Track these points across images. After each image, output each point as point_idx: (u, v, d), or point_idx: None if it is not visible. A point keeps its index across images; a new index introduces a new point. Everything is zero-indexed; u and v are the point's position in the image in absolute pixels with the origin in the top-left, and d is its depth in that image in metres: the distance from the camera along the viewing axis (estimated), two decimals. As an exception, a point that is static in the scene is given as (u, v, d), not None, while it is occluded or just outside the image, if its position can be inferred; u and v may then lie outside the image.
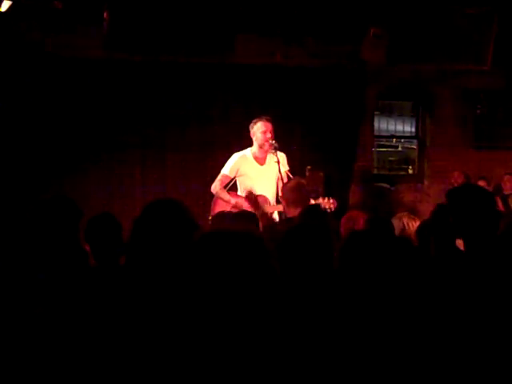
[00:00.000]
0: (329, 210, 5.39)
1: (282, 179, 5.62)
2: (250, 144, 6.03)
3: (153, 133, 7.62)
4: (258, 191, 5.89)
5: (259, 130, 5.86)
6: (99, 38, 7.08)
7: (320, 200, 5.56)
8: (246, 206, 5.65)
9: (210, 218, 5.45)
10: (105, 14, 6.90)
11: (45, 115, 7.24)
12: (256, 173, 5.93)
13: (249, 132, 5.99)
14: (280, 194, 5.33)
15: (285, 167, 5.87)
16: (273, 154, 5.81)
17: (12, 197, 6.83)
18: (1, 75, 7.08)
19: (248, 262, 1.68)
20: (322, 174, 7.09)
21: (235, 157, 5.99)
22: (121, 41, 7.11)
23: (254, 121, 5.93)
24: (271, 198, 5.90)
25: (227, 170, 5.95)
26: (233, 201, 5.78)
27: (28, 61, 7.16)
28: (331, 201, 5.54)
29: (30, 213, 3.22)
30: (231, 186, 6.06)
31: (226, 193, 5.91)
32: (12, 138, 7.16)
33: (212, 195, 6.00)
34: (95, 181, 7.45)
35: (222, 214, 4.61)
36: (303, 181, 4.51)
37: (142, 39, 7.12)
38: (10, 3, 6.15)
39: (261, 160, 5.96)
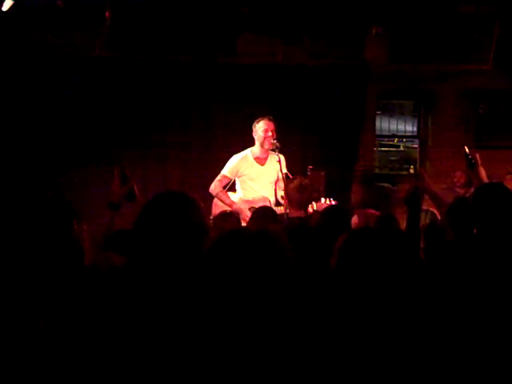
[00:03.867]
0: None
1: (283, 179, 5.62)
2: (252, 144, 6.03)
3: (154, 132, 7.62)
4: (258, 191, 5.88)
5: (261, 128, 5.86)
6: (101, 36, 7.09)
7: (321, 201, 5.56)
8: (245, 210, 5.64)
9: (211, 218, 5.45)
10: (107, 14, 6.91)
11: (46, 114, 7.25)
12: (257, 173, 5.93)
13: (250, 131, 5.99)
14: (283, 193, 5.33)
15: (284, 169, 5.86)
16: (274, 153, 5.80)
17: (11, 196, 6.82)
18: (2, 74, 7.09)
19: (267, 261, 1.69)
20: (323, 173, 7.09)
21: (235, 158, 5.97)
22: (122, 40, 7.12)
23: (257, 120, 5.93)
24: (271, 198, 5.90)
25: (227, 171, 5.93)
26: (234, 206, 5.75)
27: (29, 59, 7.16)
28: (333, 202, 5.54)
29: (25, 211, 3.21)
30: (230, 187, 6.07)
31: (226, 195, 5.88)
32: (12, 136, 7.17)
33: (212, 195, 5.99)
34: (95, 180, 7.45)
35: (225, 213, 4.61)
36: (306, 181, 4.50)
37: (143, 38, 7.12)
38: (12, 2, 6.15)
39: (261, 160, 5.96)
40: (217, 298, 1.70)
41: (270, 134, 5.80)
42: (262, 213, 4.31)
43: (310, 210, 5.20)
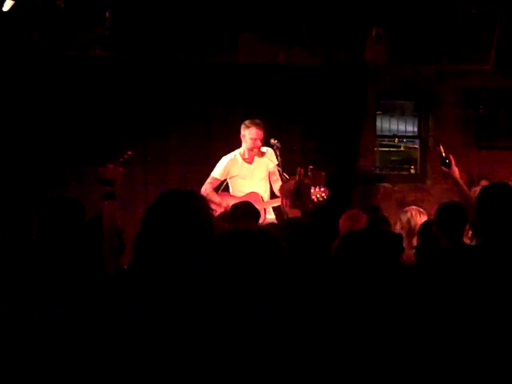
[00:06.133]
0: (321, 199, 5.40)
1: (277, 171, 5.70)
2: None
3: (154, 132, 7.62)
4: (250, 189, 5.95)
5: (250, 135, 5.93)
6: (101, 37, 7.09)
7: (311, 190, 5.56)
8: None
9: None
10: (107, 14, 6.91)
11: (46, 114, 7.25)
12: (246, 172, 6.03)
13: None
14: (279, 194, 5.34)
15: (274, 162, 5.93)
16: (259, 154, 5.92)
17: (12, 196, 6.83)
18: (2, 74, 7.09)
19: (265, 261, 1.69)
20: (323, 173, 7.09)
21: (224, 160, 6.09)
22: (123, 40, 7.11)
23: (247, 123, 5.97)
24: (264, 194, 5.98)
25: (217, 173, 6.06)
26: (224, 203, 5.83)
27: (29, 60, 7.16)
28: (322, 189, 5.55)
29: (37, 212, 3.20)
30: (224, 187, 6.13)
31: (216, 195, 6.01)
32: (13, 137, 7.17)
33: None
34: (95, 181, 7.42)
35: (225, 214, 4.62)
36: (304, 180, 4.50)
37: (144, 38, 7.12)
38: (12, 3, 6.15)
39: (249, 159, 6.05)
40: (218, 297, 1.70)
41: (259, 143, 5.88)
42: (242, 209, 4.33)
43: None
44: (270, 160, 5.94)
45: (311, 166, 6.76)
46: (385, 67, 7.89)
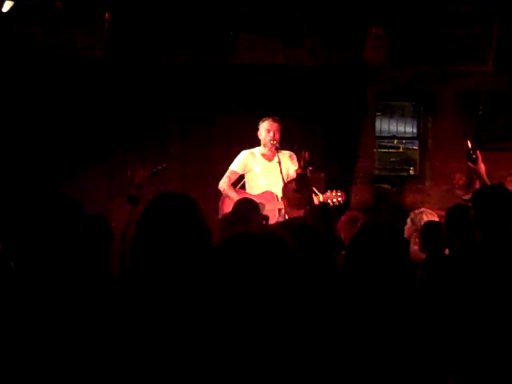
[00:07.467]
0: (337, 204, 5.38)
1: (283, 179, 5.61)
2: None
3: (154, 133, 7.62)
4: (265, 187, 5.89)
5: (264, 128, 5.87)
6: (101, 38, 7.09)
7: (328, 193, 5.54)
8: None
9: (219, 217, 5.44)
10: (106, 15, 6.91)
11: (46, 115, 7.25)
12: (264, 169, 5.94)
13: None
14: (281, 194, 5.33)
15: (295, 165, 5.81)
16: (275, 154, 5.79)
17: (12, 196, 6.82)
18: (2, 75, 7.09)
19: (273, 265, 1.68)
20: (323, 174, 7.09)
21: (244, 153, 6.01)
22: (122, 41, 7.12)
23: (263, 119, 5.93)
24: (279, 193, 5.91)
25: (235, 166, 5.97)
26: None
27: (29, 61, 7.16)
28: (339, 193, 5.52)
29: (31, 211, 3.19)
30: (241, 186, 6.08)
31: (234, 191, 5.91)
32: (13, 137, 7.17)
33: (217, 195, 5.99)
34: (95, 181, 7.44)
35: (225, 216, 4.61)
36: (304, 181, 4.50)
37: (143, 39, 7.13)
38: (11, 3, 6.15)
39: (269, 157, 5.97)
40: (222, 300, 1.70)
41: (272, 134, 5.80)
42: (239, 210, 4.32)
43: (316, 201, 5.24)
44: (291, 163, 5.83)
45: (310, 167, 6.76)
46: (384, 68, 7.90)
